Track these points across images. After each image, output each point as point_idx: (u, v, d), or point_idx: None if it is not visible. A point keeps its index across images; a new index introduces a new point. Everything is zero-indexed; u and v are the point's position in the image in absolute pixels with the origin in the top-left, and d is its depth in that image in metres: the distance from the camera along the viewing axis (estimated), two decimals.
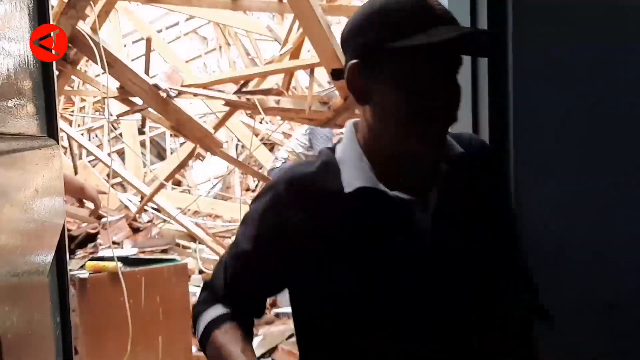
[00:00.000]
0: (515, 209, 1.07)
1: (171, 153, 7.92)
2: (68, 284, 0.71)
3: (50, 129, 0.69)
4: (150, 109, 3.70)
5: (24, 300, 0.55)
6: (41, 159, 0.62)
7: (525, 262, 1.04)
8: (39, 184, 0.61)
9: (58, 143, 0.70)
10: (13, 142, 0.55)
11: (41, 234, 0.59)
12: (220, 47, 8.63)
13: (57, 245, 0.69)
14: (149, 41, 3.37)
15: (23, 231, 0.55)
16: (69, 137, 5.07)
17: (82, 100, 7.82)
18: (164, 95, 3.27)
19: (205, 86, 3.55)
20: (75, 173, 4.87)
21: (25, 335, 0.55)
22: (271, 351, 3.60)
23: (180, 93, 3.38)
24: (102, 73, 3.44)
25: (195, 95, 3.53)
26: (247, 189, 7.62)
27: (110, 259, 3.23)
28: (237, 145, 7.80)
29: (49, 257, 0.59)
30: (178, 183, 7.30)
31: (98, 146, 6.82)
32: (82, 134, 7.24)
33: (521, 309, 0.97)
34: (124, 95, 3.53)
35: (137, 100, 3.66)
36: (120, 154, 7.13)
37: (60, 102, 7.44)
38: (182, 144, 7.09)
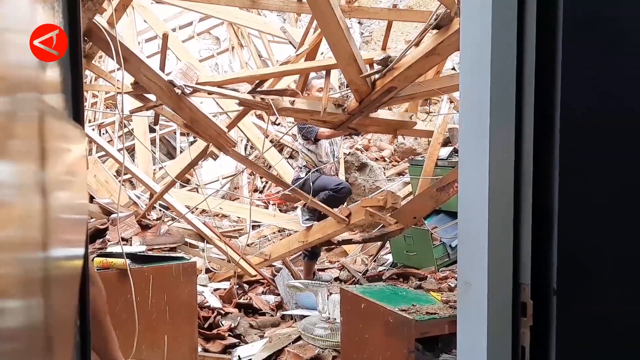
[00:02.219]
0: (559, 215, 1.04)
1: (180, 151, 7.91)
2: (88, 281, 0.67)
3: (77, 114, 0.65)
4: (164, 106, 3.68)
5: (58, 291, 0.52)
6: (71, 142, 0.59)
7: None
8: (69, 169, 0.58)
9: (84, 128, 0.67)
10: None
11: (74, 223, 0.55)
12: (232, 48, 8.63)
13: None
14: (165, 37, 3.35)
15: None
16: None
17: (94, 96, 7.84)
18: (179, 92, 3.24)
19: (219, 85, 3.52)
20: (86, 168, 4.86)
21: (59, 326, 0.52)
22: (277, 353, 3.56)
23: (195, 90, 3.36)
24: (118, 69, 3.43)
25: (210, 93, 3.50)
26: (255, 190, 7.60)
27: (119, 255, 3.21)
28: (245, 145, 7.79)
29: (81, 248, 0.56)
30: (187, 182, 7.28)
31: (108, 142, 6.82)
32: (93, 130, 7.24)
33: None
34: (138, 91, 3.51)
35: (151, 96, 3.64)
36: (130, 150, 7.13)
37: None
38: (191, 142, 7.08)
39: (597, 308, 1.20)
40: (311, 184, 4.52)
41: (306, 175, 4.59)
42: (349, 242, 4.51)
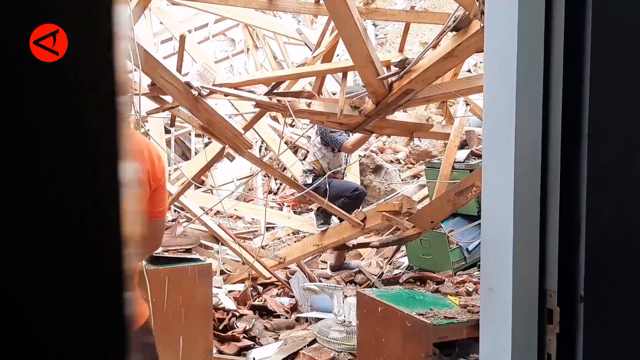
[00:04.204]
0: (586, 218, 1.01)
1: (195, 153, 7.94)
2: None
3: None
4: (180, 108, 3.69)
5: None
6: None
7: None
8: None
9: None
10: None
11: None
12: (247, 50, 8.65)
13: None
14: (182, 38, 3.35)
15: None
16: None
17: None
18: (196, 93, 3.24)
19: (236, 86, 3.52)
20: None
21: None
22: (293, 356, 3.55)
23: (212, 92, 3.36)
24: (134, 70, 3.44)
25: (227, 95, 3.50)
26: (270, 192, 7.61)
27: None
28: (260, 147, 7.80)
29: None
30: (201, 183, 7.31)
31: None
32: None
33: None
34: (155, 92, 3.52)
35: (168, 98, 3.65)
36: None
37: None
38: (206, 144, 7.10)
39: (625, 315, 1.17)
40: (327, 187, 4.49)
41: (313, 181, 4.52)
42: (365, 245, 4.49)
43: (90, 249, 0.51)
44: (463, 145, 4.75)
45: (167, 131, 7.76)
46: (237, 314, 4.21)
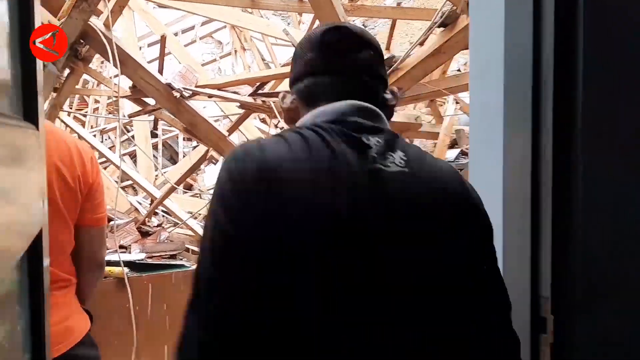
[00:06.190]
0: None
1: (184, 156, 7.84)
2: (44, 299, 0.58)
3: (30, 113, 0.56)
4: (163, 110, 3.60)
5: None
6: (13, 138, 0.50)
7: None
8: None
9: (38, 129, 0.58)
10: None
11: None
12: (235, 51, 8.56)
13: (34, 249, 0.56)
14: (163, 39, 3.26)
15: None
16: (80, 137, 4.99)
17: (96, 101, 7.77)
18: (178, 95, 3.15)
19: (219, 87, 3.43)
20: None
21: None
22: None
23: (194, 93, 3.27)
24: (116, 75, 3.35)
25: (210, 96, 3.41)
26: None
27: (117, 263, 3.12)
28: None
29: (9, 262, 0.47)
30: (189, 187, 7.21)
31: (111, 148, 6.74)
32: (95, 135, 7.18)
33: None
34: (136, 95, 3.43)
35: (150, 100, 3.56)
36: (133, 156, 7.06)
37: (74, 102, 7.39)
38: (195, 147, 7.00)
39: (625, 324, 1.09)
40: None
41: None
42: None
43: None
44: (453, 145, 4.69)
45: (155, 135, 7.66)
46: None
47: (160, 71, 3.28)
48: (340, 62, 0.98)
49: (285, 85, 4.07)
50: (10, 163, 0.50)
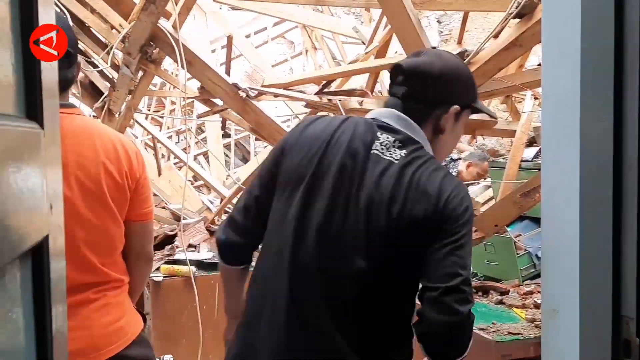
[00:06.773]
0: None
1: (255, 156, 7.93)
2: (50, 302, 0.53)
3: (32, 111, 0.52)
4: (230, 110, 3.62)
5: None
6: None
7: None
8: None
9: (42, 128, 0.53)
10: None
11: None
12: (306, 51, 8.57)
13: (36, 260, 0.52)
14: (230, 39, 3.28)
15: None
16: (154, 138, 5.14)
17: (172, 103, 8.02)
18: (244, 95, 3.15)
19: (285, 87, 3.40)
20: (159, 174, 4.92)
21: None
22: None
23: (260, 93, 3.26)
24: (189, 78, 3.40)
25: (276, 95, 3.39)
26: None
27: (184, 262, 3.16)
28: None
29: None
30: None
31: (185, 149, 6.93)
32: (170, 137, 7.40)
33: None
34: (204, 95, 3.46)
35: (218, 101, 3.58)
36: (207, 156, 7.21)
37: (148, 103, 7.65)
38: (265, 147, 7.06)
39: None
40: None
41: None
42: None
43: None
44: (531, 143, 4.43)
45: (228, 135, 7.79)
46: None
47: (228, 71, 3.30)
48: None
49: (351, 82, 3.99)
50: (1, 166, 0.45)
